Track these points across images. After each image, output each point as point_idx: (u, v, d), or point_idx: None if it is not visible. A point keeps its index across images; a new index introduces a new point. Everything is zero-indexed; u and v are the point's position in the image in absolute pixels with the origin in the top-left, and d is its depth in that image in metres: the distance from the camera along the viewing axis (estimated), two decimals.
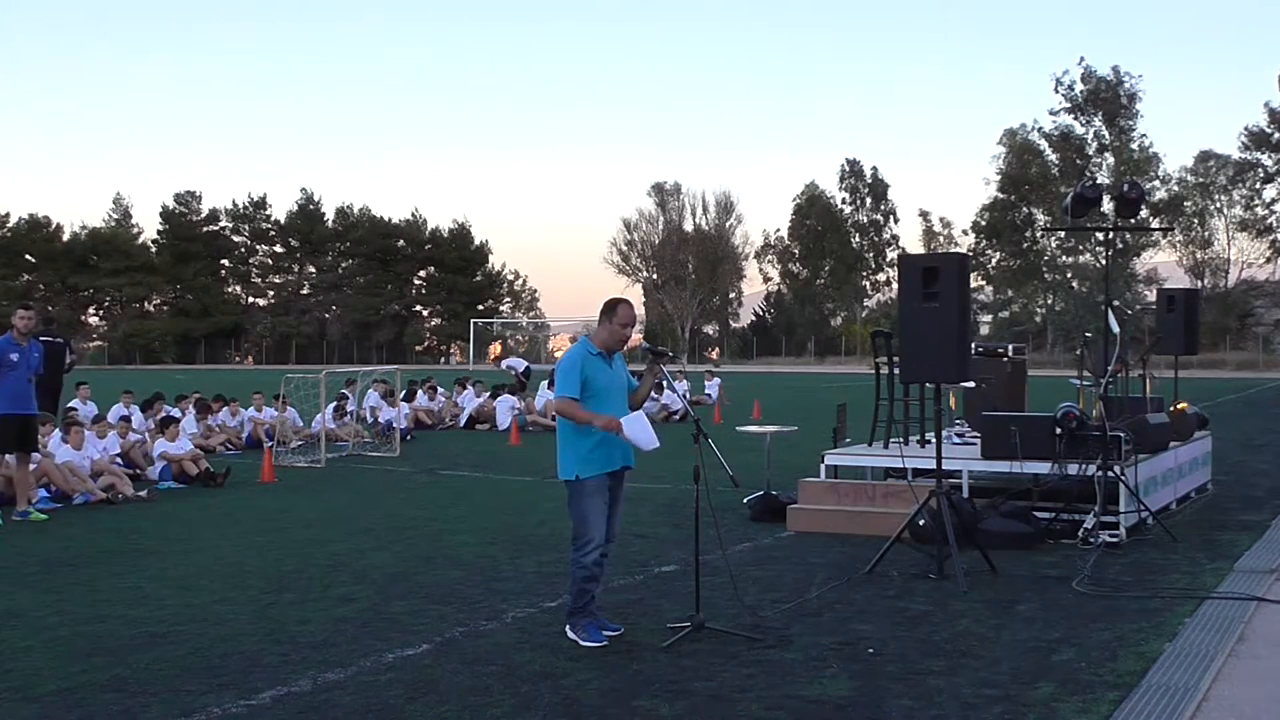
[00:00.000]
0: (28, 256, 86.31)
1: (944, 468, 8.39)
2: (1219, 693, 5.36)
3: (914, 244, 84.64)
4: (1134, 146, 75.49)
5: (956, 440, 11.43)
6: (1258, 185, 75.02)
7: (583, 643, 6.26)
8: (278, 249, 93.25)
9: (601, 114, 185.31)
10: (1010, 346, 13.06)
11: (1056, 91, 76.13)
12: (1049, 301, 79.74)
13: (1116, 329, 10.00)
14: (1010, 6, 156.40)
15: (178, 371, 64.79)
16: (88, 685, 5.56)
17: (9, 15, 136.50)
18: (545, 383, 22.55)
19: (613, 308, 6.49)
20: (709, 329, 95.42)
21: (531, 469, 14.91)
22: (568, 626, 6.42)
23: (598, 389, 6.36)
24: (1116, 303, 10.83)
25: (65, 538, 9.95)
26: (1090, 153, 76.40)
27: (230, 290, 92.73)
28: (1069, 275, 77.48)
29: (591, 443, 6.33)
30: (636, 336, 75.75)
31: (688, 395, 26.68)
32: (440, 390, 23.99)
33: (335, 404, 19.33)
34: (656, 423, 22.70)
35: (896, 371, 10.13)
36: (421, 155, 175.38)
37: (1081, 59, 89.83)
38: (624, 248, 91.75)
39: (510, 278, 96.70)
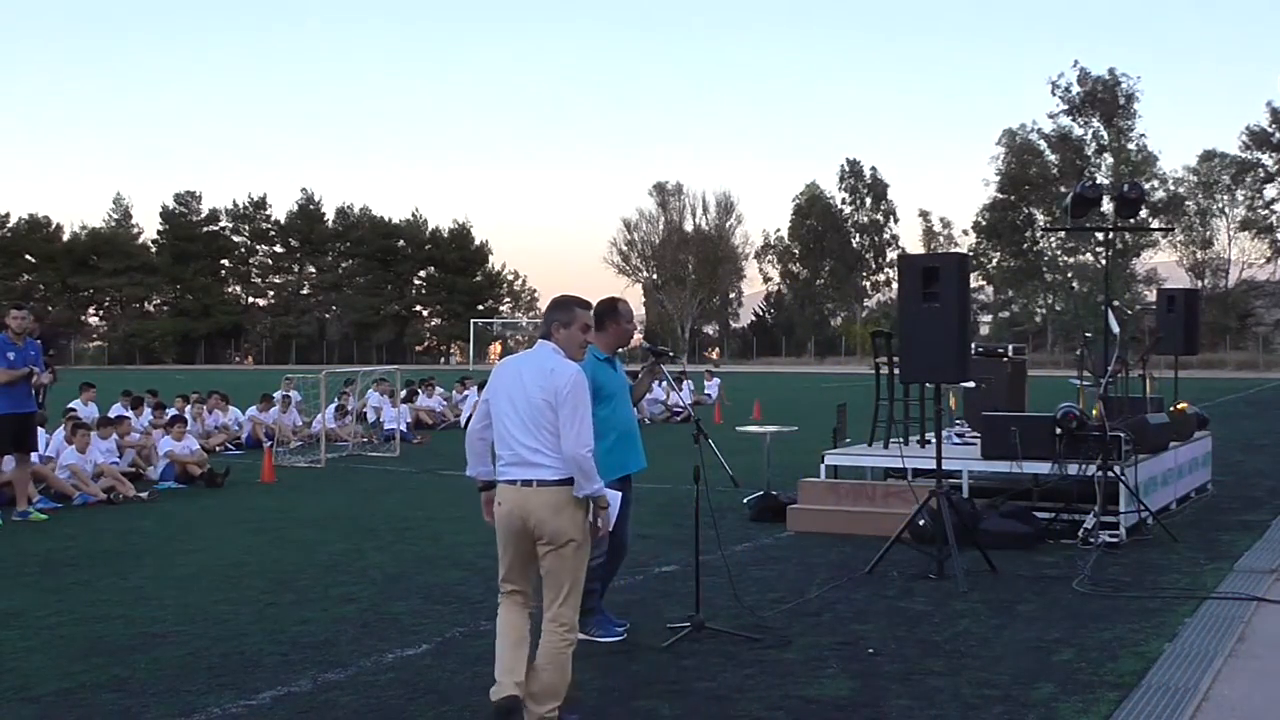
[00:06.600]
0: (28, 256, 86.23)
1: (944, 468, 8.39)
2: (1219, 693, 5.36)
3: (914, 244, 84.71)
4: (1132, 147, 75.54)
5: (956, 440, 11.42)
6: (1258, 185, 75.05)
7: (600, 640, 6.27)
8: (278, 249, 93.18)
9: (601, 114, 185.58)
10: (1010, 346, 13.06)
11: (1053, 94, 76.34)
12: (1049, 301, 79.73)
13: (1116, 329, 10.00)
14: (1010, 7, 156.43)
15: (178, 371, 64.73)
16: (88, 685, 5.56)
17: (8, 15, 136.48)
18: None
19: (614, 308, 6.42)
20: (709, 329, 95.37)
21: None
22: (581, 630, 6.41)
23: (611, 392, 6.34)
24: (1116, 303, 10.82)
25: (65, 538, 9.95)
26: (1089, 153, 76.43)
27: (230, 290, 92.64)
28: (1069, 275, 77.48)
29: (605, 446, 6.28)
30: (636, 337, 75.69)
31: (689, 395, 26.70)
32: (440, 390, 23.99)
33: (337, 404, 19.35)
34: (659, 423, 22.82)
35: (896, 371, 10.13)
36: (421, 155, 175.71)
37: (1076, 61, 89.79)
38: (624, 248, 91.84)
39: (510, 278, 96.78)
